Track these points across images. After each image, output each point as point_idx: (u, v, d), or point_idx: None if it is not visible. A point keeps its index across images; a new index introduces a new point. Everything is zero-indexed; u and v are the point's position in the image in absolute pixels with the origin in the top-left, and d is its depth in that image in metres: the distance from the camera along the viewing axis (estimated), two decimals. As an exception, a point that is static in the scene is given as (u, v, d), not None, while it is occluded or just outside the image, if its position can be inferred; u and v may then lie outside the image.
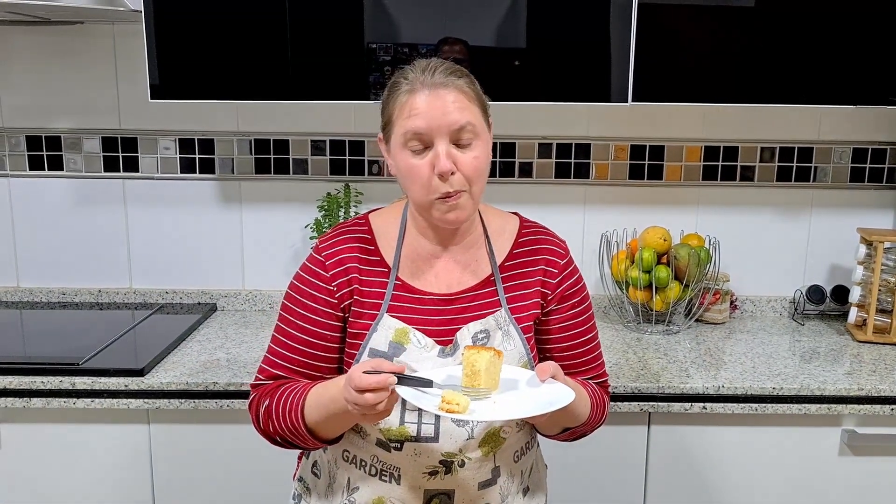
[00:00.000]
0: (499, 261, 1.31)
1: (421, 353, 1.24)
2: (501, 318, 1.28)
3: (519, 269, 1.31)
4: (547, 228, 1.37)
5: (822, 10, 1.85)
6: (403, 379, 1.15)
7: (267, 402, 1.25)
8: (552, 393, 1.15)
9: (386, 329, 1.25)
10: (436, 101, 1.17)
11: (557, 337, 1.33)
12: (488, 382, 1.14)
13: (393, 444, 1.25)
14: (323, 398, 1.20)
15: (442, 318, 1.27)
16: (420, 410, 1.23)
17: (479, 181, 1.21)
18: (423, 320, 1.26)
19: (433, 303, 1.27)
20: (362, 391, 1.08)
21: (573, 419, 1.28)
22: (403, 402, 1.23)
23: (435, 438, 1.24)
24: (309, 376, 1.28)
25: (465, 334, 1.26)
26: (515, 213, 1.39)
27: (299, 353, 1.28)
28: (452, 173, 1.18)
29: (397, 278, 1.28)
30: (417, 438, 1.24)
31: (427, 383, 1.14)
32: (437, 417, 1.23)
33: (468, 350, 1.14)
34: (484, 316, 1.27)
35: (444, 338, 1.26)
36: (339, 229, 1.32)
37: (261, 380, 1.30)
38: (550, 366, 1.18)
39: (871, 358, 1.97)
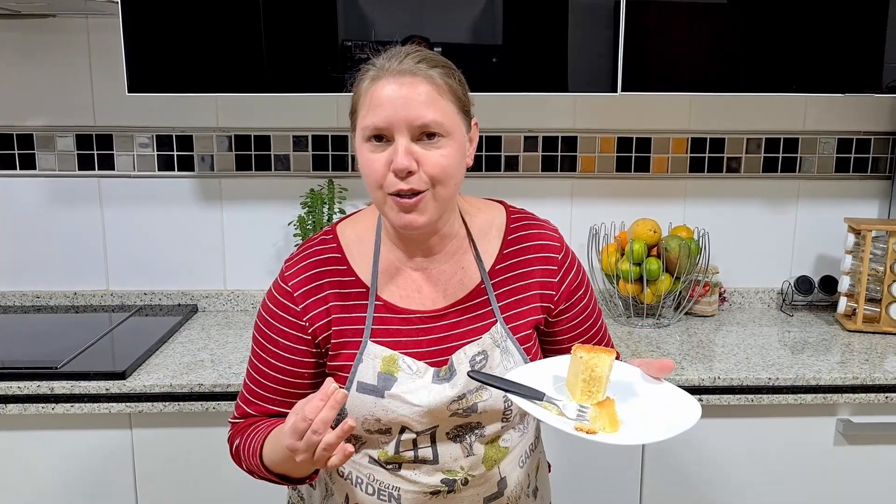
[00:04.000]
0: (488, 266, 1.18)
1: (414, 381, 1.12)
2: (498, 333, 1.16)
3: (512, 272, 1.19)
4: (536, 216, 1.25)
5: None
6: (512, 391, 1.03)
7: (237, 442, 1.18)
8: (674, 397, 1.05)
9: (372, 359, 1.13)
10: (399, 90, 1.04)
11: (570, 336, 1.24)
12: (604, 390, 1.02)
13: (390, 466, 1.17)
14: (278, 439, 1.07)
15: (432, 338, 1.15)
16: (416, 438, 1.14)
17: (447, 183, 1.07)
18: (412, 342, 1.14)
19: (420, 322, 1.15)
20: (306, 421, 0.95)
21: None
22: (401, 431, 1.14)
23: (434, 461, 1.16)
24: (285, 414, 1.10)
25: (461, 358, 1.14)
26: (500, 202, 1.27)
27: (272, 392, 1.18)
28: (411, 172, 1.04)
29: (377, 298, 1.15)
30: (416, 461, 1.16)
31: (538, 395, 1.03)
32: (433, 440, 1.15)
33: (582, 351, 1.01)
34: (479, 332, 1.16)
35: (437, 358, 1.15)
36: (305, 251, 1.18)
37: (236, 417, 1.22)
38: (668, 364, 1.07)
39: (861, 347, 1.96)
